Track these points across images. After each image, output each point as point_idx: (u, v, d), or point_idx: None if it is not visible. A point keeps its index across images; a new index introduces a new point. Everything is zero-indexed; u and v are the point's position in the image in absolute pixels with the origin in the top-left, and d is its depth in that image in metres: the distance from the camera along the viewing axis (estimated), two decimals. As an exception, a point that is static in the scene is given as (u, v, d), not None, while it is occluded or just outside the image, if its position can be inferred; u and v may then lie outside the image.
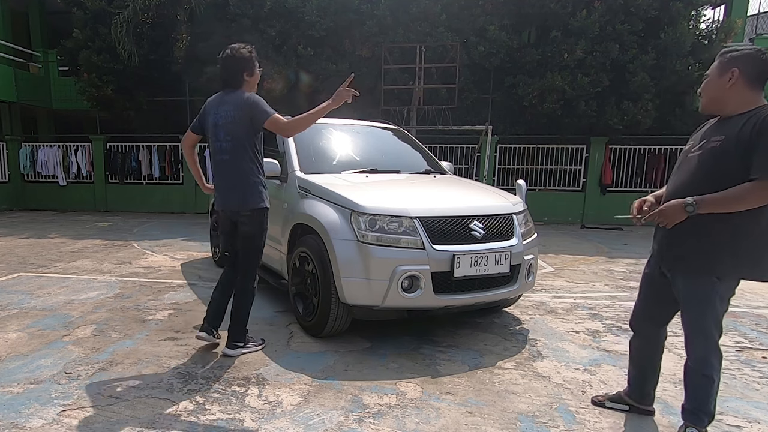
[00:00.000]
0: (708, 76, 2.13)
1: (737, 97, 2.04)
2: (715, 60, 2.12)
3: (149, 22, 11.05)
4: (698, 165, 2.10)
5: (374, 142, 4.80)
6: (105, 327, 3.70)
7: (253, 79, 3.10)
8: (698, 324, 2.14)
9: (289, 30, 10.13)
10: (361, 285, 3.12)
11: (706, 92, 2.13)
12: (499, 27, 9.71)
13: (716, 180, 2.01)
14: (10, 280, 5.13)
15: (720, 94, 2.07)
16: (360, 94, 3.05)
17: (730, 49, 2.09)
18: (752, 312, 4.37)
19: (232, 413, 2.47)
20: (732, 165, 1.98)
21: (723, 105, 2.08)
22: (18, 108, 13.59)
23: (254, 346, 3.28)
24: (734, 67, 2.02)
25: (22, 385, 2.74)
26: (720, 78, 2.06)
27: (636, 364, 2.53)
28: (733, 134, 1.99)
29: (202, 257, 6.40)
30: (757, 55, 2.01)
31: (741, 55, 2.03)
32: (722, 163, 2.01)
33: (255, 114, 2.95)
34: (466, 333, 3.69)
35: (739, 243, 2.03)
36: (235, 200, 3.08)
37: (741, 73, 2.01)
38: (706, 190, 2.02)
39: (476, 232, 3.25)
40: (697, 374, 2.17)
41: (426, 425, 2.40)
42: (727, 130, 2.03)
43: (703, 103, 2.16)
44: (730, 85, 2.03)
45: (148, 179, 12.11)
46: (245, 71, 3.04)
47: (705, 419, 2.18)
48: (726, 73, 2.04)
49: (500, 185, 10.63)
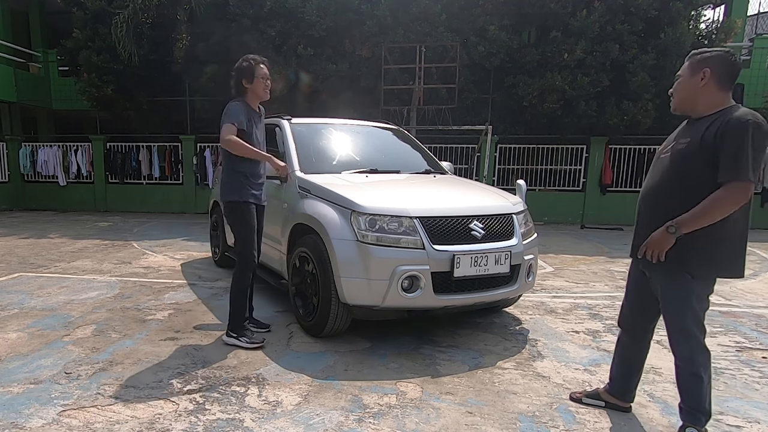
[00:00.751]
0: (680, 76, 2.16)
1: (708, 97, 2.08)
2: (686, 62, 2.16)
3: (149, 22, 11.04)
4: (667, 166, 2.16)
5: (374, 142, 4.80)
6: (105, 327, 3.70)
7: (254, 86, 3.34)
8: (678, 324, 2.18)
9: (289, 30, 10.13)
10: (361, 285, 3.11)
11: (679, 92, 2.17)
12: (499, 27, 9.70)
13: (683, 181, 2.07)
14: (10, 280, 5.14)
15: (692, 94, 2.11)
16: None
17: (700, 51, 2.13)
18: (752, 312, 4.37)
19: (232, 413, 2.48)
20: (697, 167, 2.02)
21: (694, 105, 2.12)
22: (18, 108, 13.59)
23: (246, 342, 3.33)
24: (706, 67, 2.06)
25: (22, 385, 2.74)
26: (692, 78, 2.10)
27: (622, 360, 2.55)
28: (698, 137, 2.03)
29: (202, 257, 6.40)
30: (727, 56, 2.06)
31: (712, 56, 2.07)
32: (688, 165, 2.06)
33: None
34: (466, 333, 3.69)
35: (712, 241, 2.06)
36: (219, 193, 3.57)
37: (712, 73, 2.05)
38: (674, 190, 2.09)
39: (476, 232, 3.25)
40: (686, 374, 2.19)
41: (426, 425, 2.40)
42: (693, 133, 2.08)
43: (675, 103, 2.20)
44: (703, 85, 2.07)
45: (148, 179, 12.10)
46: (243, 79, 3.34)
47: (702, 418, 2.20)
48: (698, 73, 2.08)
49: (500, 185, 10.63)
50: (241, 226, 3.39)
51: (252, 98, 3.40)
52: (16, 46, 13.49)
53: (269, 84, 3.40)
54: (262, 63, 3.37)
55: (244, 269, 3.38)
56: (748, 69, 12.71)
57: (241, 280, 3.38)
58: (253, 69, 3.31)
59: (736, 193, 1.94)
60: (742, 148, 1.91)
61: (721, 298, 4.80)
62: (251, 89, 3.36)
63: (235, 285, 3.39)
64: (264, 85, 3.36)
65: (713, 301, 4.90)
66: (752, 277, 5.81)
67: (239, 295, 3.39)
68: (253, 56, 3.38)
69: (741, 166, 1.91)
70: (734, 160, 1.91)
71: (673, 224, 2.02)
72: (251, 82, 3.33)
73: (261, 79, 3.33)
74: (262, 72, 3.34)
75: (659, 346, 3.49)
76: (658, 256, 2.10)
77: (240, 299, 3.40)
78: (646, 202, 2.25)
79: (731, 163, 1.92)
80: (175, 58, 11.25)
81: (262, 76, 3.34)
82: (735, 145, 1.92)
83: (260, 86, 3.35)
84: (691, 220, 2.00)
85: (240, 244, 3.41)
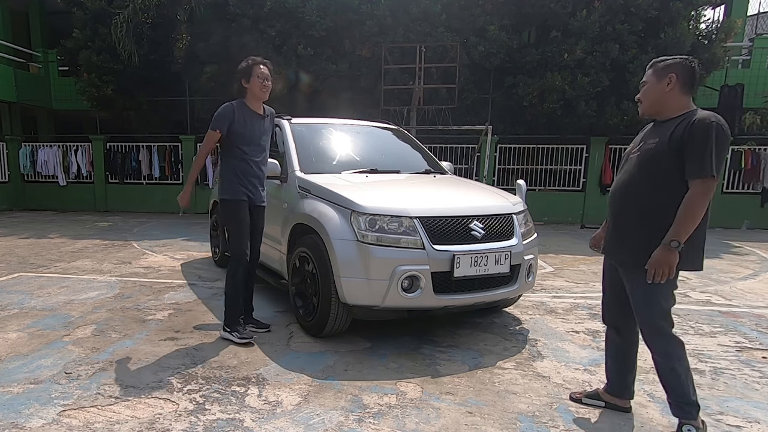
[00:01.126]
0: (647, 82, 2.29)
1: (673, 101, 2.21)
2: (649, 69, 2.30)
3: (149, 22, 11.04)
4: (637, 166, 2.27)
5: (374, 142, 4.80)
6: (105, 327, 3.70)
7: (251, 85, 3.40)
8: (647, 319, 2.27)
9: (289, 30, 10.12)
10: (361, 285, 3.11)
11: (647, 97, 2.29)
12: (499, 27, 9.70)
13: (652, 178, 2.20)
14: (10, 280, 5.14)
15: (660, 98, 2.24)
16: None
17: (662, 58, 2.28)
18: (752, 312, 4.37)
19: (232, 413, 2.48)
20: (666, 165, 2.15)
21: (661, 108, 2.25)
22: (18, 108, 13.59)
23: (237, 337, 3.39)
24: (671, 72, 2.20)
25: (22, 385, 2.74)
26: (659, 83, 2.23)
27: (613, 357, 2.59)
28: (666, 137, 2.16)
29: (202, 257, 6.40)
30: (689, 63, 2.21)
31: (675, 63, 2.21)
32: (657, 164, 2.18)
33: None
34: (466, 333, 3.69)
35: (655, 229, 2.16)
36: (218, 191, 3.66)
37: (677, 78, 2.19)
38: (643, 187, 2.22)
39: (476, 232, 3.25)
40: (666, 369, 2.26)
41: (426, 425, 2.40)
42: (661, 134, 2.20)
43: (644, 107, 2.32)
44: (669, 90, 2.20)
45: (148, 179, 12.09)
46: (242, 78, 3.41)
47: (692, 410, 2.25)
48: (664, 78, 2.21)
49: (500, 185, 10.62)
50: (232, 222, 3.47)
51: (251, 98, 3.44)
52: (16, 46, 13.50)
53: (267, 84, 3.42)
54: (261, 64, 3.41)
55: (236, 265, 3.44)
56: (749, 69, 12.72)
57: (234, 276, 3.43)
58: (251, 69, 3.37)
59: (703, 188, 2.07)
60: (707, 147, 2.05)
61: (721, 298, 4.80)
62: (249, 89, 3.41)
63: (228, 281, 3.45)
64: (261, 85, 3.39)
65: (713, 301, 4.93)
66: (752, 277, 5.82)
67: (232, 291, 3.45)
68: (255, 57, 3.44)
69: (706, 163, 2.05)
70: (700, 158, 2.06)
71: (674, 239, 2.08)
72: (248, 81, 3.38)
73: (257, 78, 3.37)
74: (259, 71, 3.37)
75: (659, 346, 3.49)
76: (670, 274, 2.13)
77: (233, 295, 3.45)
78: (616, 199, 2.36)
79: (698, 160, 2.06)
80: (175, 58, 11.25)
81: (259, 75, 3.37)
82: (701, 145, 2.06)
83: (257, 86, 3.38)
84: (682, 228, 2.08)
85: (231, 241, 3.49)
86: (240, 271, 3.46)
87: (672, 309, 2.27)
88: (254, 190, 3.50)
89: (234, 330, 3.42)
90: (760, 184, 10.25)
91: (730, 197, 10.37)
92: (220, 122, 3.35)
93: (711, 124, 2.06)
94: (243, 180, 3.44)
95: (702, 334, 3.76)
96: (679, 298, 4.76)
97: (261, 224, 3.65)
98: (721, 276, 5.78)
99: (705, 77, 10.07)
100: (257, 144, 3.49)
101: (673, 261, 2.10)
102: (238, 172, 3.43)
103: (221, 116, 3.36)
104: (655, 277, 2.13)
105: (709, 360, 3.27)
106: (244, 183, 3.44)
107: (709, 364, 3.21)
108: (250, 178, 3.46)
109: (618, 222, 2.32)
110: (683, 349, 2.25)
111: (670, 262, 2.10)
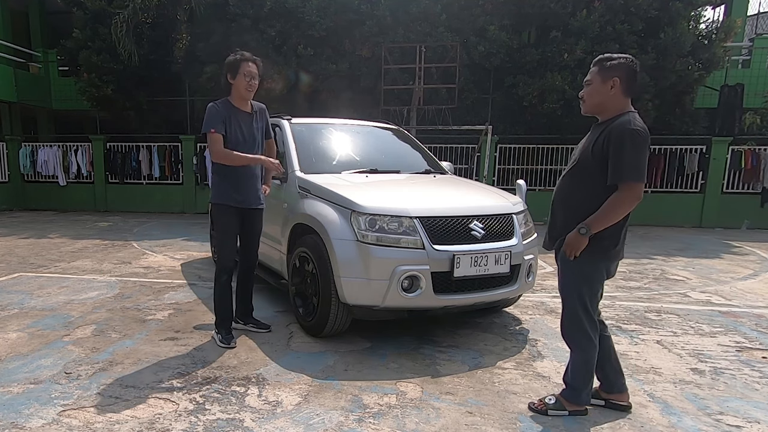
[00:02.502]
0: (591, 82, 2.31)
1: (614, 103, 2.26)
2: (594, 66, 2.30)
3: (149, 22, 11.04)
4: (571, 168, 2.39)
5: (374, 142, 4.80)
6: (105, 327, 3.70)
7: (236, 82, 3.21)
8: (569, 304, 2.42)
9: (289, 30, 10.12)
10: (361, 285, 3.11)
11: (590, 98, 2.32)
12: (499, 27, 9.70)
13: (584, 180, 2.30)
14: (10, 280, 5.14)
15: (603, 100, 2.28)
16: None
17: (607, 57, 2.28)
18: (752, 312, 4.37)
19: (232, 413, 2.48)
20: (589, 167, 2.25)
21: (604, 109, 2.30)
22: (18, 108, 13.59)
23: (219, 340, 3.37)
24: (615, 76, 2.23)
25: (22, 385, 2.74)
26: (603, 85, 2.26)
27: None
28: (593, 140, 2.25)
29: (202, 257, 6.39)
30: (632, 65, 2.24)
31: (619, 65, 2.23)
32: (586, 166, 2.28)
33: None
34: (466, 333, 3.69)
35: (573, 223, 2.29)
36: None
37: (621, 81, 2.22)
38: (576, 187, 2.34)
39: (476, 232, 3.25)
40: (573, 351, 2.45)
41: (426, 425, 2.40)
42: (593, 136, 2.29)
43: (586, 107, 2.36)
44: (612, 93, 2.24)
45: (148, 179, 12.09)
46: (228, 73, 3.23)
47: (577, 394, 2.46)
48: (608, 81, 2.24)
49: (500, 185, 10.62)
50: (217, 227, 3.42)
51: (236, 96, 3.26)
52: (16, 46, 13.49)
53: (254, 84, 3.22)
54: (251, 61, 3.21)
55: (219, 271, 3.40)
56: (749, 69, 12.72)
57: (218, 280, 3.39)
58: (238, 65, 3.18)
59: (629, 193, 2.15)
60: (623, 154, 2.13)
61: (721, 298, 4.80)
62: (234, 86, 3.23)
63: (214, 284, 3.44)
64: (247, 84, 3.19)
65: (713, 301, 4.92)
66: (752, 277, 5.82)
67: (217, 295, 3.42)
68: (244, 53, 3.25)
69: (624, 169, 2.13)
70: (618, 164, 2.14)
71: (584, 226, 2.22)
72: (234, 77, 3.20)
73: (244, 76, 3.17)
74: (246, 69, 3.17)
75: (659, 346, 3.50)
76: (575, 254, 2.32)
77: (218, 300, 3.43)
78: (556, 197, 2.48)
79: (617, 166, 2.14)
80: (175, 58, 11.24)
81: (246, 73, 3.17)
82: (616, 152, 2.14)
83: (242, 83, 3.19)
84: (597, 221, 2.21)
85: (215, 245, 3.45)
86: (223, 276, 3.39)
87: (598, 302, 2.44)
88: (247, 193, 3.34)
89: (219, 332, 3.40)
90: (760, 184, 10.25)
91: (730, 197, 10.38)
92: (214, 122, 3.16)
93: (624, 132, 2.14)
94: (233, 184, 3.30)
95: (702, 334, 3.76)
96: (679, 298, 4.78)
97: (258, 227, 3.53)
98: (721, 276, 5.78)
99: (705, 77, 10.07)
100: (247, 144, 3.29)
101: (580, 244, 2.23)
102: (227, 174, 3.29)
103: (212, 116, 3.18)
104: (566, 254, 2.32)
105: (709, 360, 3.27)
106: (233, 186, 3.30)
107: (709, 364, 3.20)
108: (243, 180, 3.31)
109: (558, 220, 2.45)
110: (589, 344, 2.40)
111: (578, 246, 2.25)
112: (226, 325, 3.44)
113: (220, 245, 3.44)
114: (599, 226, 2.22)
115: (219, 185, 3.35)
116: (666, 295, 4.89)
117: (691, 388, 2.85)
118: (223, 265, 3.41)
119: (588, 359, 2.42)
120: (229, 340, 3.36)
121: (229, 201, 3.32)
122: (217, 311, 3.46)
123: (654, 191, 10.51)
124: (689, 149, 10.40)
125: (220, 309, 3.45)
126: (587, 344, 2.41)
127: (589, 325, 2.39)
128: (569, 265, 2.36)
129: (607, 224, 2.21)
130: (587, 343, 2.41)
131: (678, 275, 5.80)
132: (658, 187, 10.53)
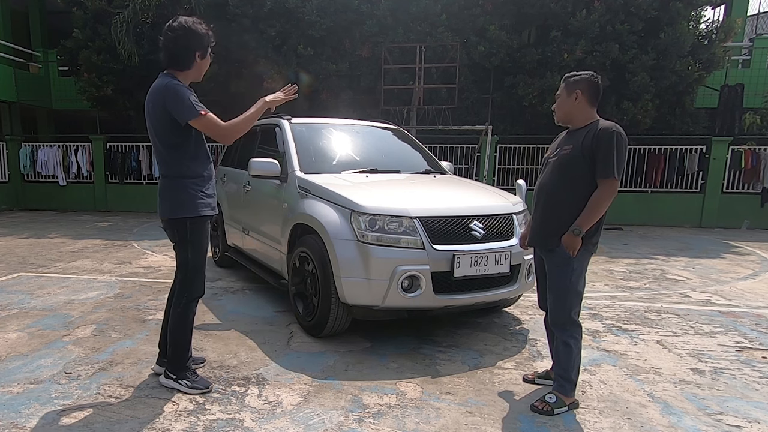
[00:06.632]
0: (560, 95, 2.62)
1: (581, 113, 2.55)
2: (563, 83, 2.61)
3: (149, 22, 11.02)
4: (555, 169, 2.58)
5: (374, 142, 4.79)
6: (105, 327, 3.70)
7: (204, 62, 2.64)
8: (559, 295, 2.55)
9: (289, 30, 10.12)
10: (361, 285, 3.11)
11: (560, 108, 2.63)
12: (499, 27, 9.70)
13: (569, 180, 2.50)
14: (10, 280, 5.13)
15: (570, 110, 2.58)
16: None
17: (572, 75, 2.60)
18: (752, 312, 4.37)
19: (232, 413, 2.48)
20: (580, 168, 2.46)
21: (572, 118, 2.59)
22: (18, 108, 13.58)
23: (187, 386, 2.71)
24: (578, 89, 2.53)
25: (22, 385, 2.74)
26: (569, 97, 2.57)
27: (552, 339, 2.76)
28: (578, 143, 2.49)
29: (202, 257, 6.38)
30: (592, 79, 2.53)
31: (581, 79, 2.54)
32: (573, 167, 2.49)
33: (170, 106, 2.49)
34: (466, 333, 3.69)
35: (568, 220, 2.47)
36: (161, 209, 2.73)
37: (583, 93, 2.52)
38: (561, 187, 2.53)
39: (476, 232, 3.25)
40: (560, 342, 2.56)
41: (426, 425, 2.40)
42: (574, 140, 2.53)
43: (558, 117, 2.66)
44: (577, 103, 2.54)
45: (148, 179, 12.09)
46: (198, 51, 2.57)
47: (567, 386, 2.56)
48: (573, 93, 2.54)
49: (500, 185, 10.62)
50: (197, 248, 2.74)
51: (191, 77, 2.65)
52: (16, 46, 13.48)
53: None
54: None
55: (192, 299, 2.76)
56: (749, 69, 12.72)
57: (186, 312, 2.73)
58: (210, 43, 2.61)
59: (609, 187, 2.41)
60: (611, 153, 2.38)
61: (721, 298, 4.80)
62: (198, 66, 2.62)
63: (179, 318, 2.71)
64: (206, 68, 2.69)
65: (713, 301, 4.92)
66: (752, 277, 5.82)
67: (183, 330, 2.72)
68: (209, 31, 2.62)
69: (609, 166, 2.38)
70: (606, 162, 2.39)
71: (576, 227, 2.43)
72: (204, 56, 2.61)
73: (208, 60, 2.65)
74: (210, 51, 2.66)
75: (659, 346, 3.49)
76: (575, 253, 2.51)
77: (183, 334, 2.73)
78: (539, 197, 2.65)
79: (604, 164, 2.39)
80: (175, 58, 11.21)
81: (210, 55, 2.66)
82: (606, 151, 2.39)
83: (204, 68, 2.66)
84: (586, 219, 2.43)
85: (192, 269, 2.75)
86: (194, 306, 2.78)
87: (582, 293, 2.60)
88: (213, 197, 2.76)
89: (181, 377, 2.70)
90: (760, 184, 10.25)
91: (730, 197, 10.38)
92: (198, 102, 2.54)
93: (613, 133, 2.39)
94: (202, 187, 2.66)
95: (702, 334, 3.77)
96: (679, 298, 4.78)
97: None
98: (721, 276, 5.78)
99: (705, 77, 10.07)
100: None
101: (576, 245, 2.45)
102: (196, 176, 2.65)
103: (191, 96, 2.52)
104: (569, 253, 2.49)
105: (709, 360, 3.27)
106: (204, 191, 2.68)
107: (709, 364, 3.21)
108: (208, 182, 2.72)
109: (540, 215, 2.63)
110: (580, 332, 2.58)
111: (575, 246, 2.46)
112: (188, 366, 2.76)
113: (197, 270, 2.76)
114: (588, 224, 2.44)
115: (189, 193, 2.61)
116: (666, 295, 4.89)
117: (691, 388, 2.85)
118: (199, 293, 2.79)
119: (580, 348, 2.59)
120: (205, 383, 2.73)
121: (206, 210, 2.68)
122: (179, 350, 2.72)
123: (654, 191, 10.51)
124: (689, 149, 10.40)
125: (183, 346, 2.73)
126: (580, 333, 2.59)
127: (577, 308, 2.59)
128: (567, 262, 2.51)
129: (594, 221, 2.44)
130: (580, 332, 2.59)
131: (678, 275, 5.80)
132: (658, 187, 10.52)
